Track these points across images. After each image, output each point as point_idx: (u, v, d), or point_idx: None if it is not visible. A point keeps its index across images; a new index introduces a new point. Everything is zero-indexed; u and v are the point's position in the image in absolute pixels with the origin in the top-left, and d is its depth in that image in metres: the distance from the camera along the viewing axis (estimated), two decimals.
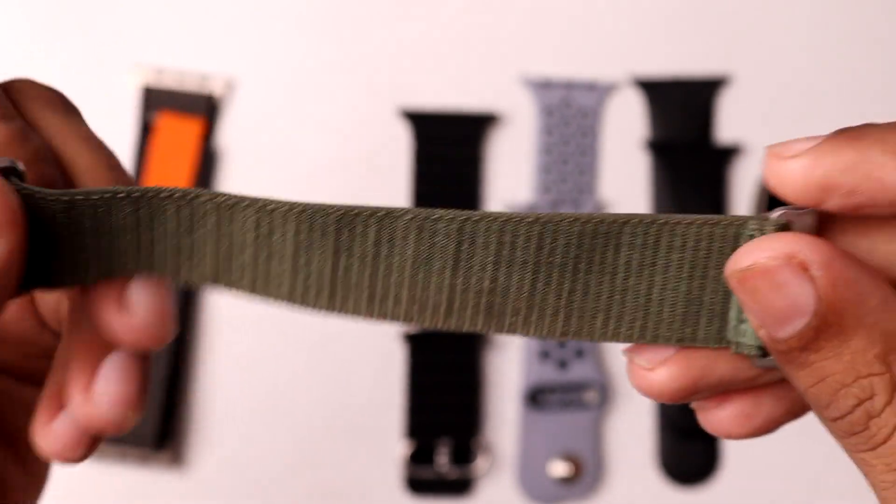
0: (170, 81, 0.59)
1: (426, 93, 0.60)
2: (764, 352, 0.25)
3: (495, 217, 0.25)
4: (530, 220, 0.25)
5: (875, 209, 0.24)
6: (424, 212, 0.25)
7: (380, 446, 0.58)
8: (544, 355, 0.59)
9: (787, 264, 0.23)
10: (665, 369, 0.26)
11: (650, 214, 0.25)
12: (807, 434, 0.43)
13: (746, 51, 0.61)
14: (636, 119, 0.61)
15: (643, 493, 0.59)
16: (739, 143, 0.61)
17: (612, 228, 0.25)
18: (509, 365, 0.59)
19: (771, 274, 0.23)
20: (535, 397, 0.58)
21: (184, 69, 0.59)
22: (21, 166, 0.25)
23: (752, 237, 0.25)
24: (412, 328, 0.58)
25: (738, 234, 0.25)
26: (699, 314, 0.25)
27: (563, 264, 0.25)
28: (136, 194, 0.25)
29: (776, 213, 0.25)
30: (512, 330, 0.25)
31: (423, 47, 0.61)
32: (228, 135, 0.59)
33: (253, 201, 0.25)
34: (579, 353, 0.59)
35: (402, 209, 0.25)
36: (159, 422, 0.56)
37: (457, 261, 0.25)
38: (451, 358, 0.58)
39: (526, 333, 0.26)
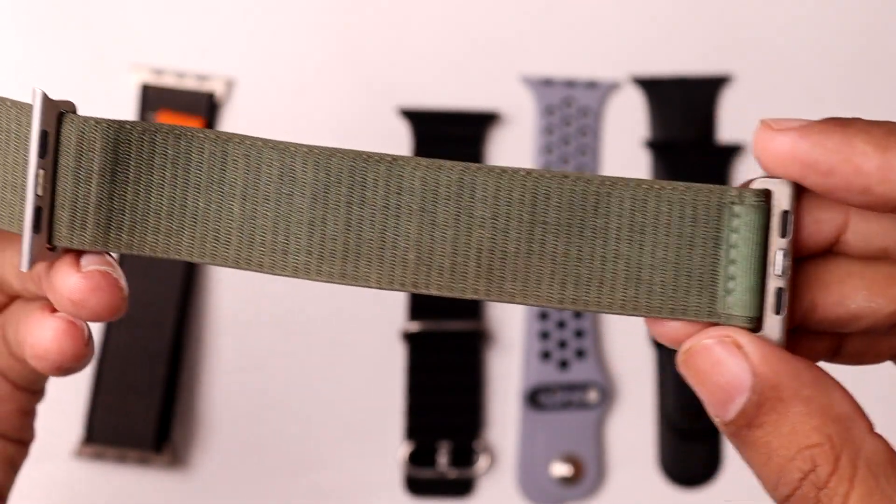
0: (169, 81, 0.59)
1: (426, 92, 0.60)
2: (755, 324, 0.26)
3: (492, 168, 0.26)
4: (523, 173, 0.26)
5: (846, 195, 0.25)
6: (428, 160, 0.27)
7: (380, 447, 0.58)
8: (545, 355, 0.58)
9: (720, 342, 0.25)
10: None
11: (637, 178, 0.26)
12: None
13: (748, 49, 0.61)
14: (637, 118, 0.61)
15: (644, 494, 0.59)
16: (741, 142, 0.60)
17: (602, 190, 0.26)
18: (510, 365, 0.59)
19: (707, 351, 0.25)
20: (536, 398, 0.58)
21: (183, 68, 0.59)
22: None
23: (733, 205, 0.26)
24: (414, 326, 0.58)
25: (720, 201, 0.26)
26: (689, 284, 0.26)
27: (556, 225, 0.26)
28: (176, 130, 0.27)
29: (757, 181, 0.26)
30: (511, 297, 0.26)
31: (423, 46, 0.61)
32: None
33: (277, 143, 0.27)
34: (580, 354, 0.59)
35: (408, 157, 0.27)
36: (158, 423, 0.56)
37: (458, 213, 0.26)
38: (451, 358, 0.58)
39: (524, 301, 0.26)
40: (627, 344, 0.59)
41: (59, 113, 0.27)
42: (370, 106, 0.60)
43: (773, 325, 0.26)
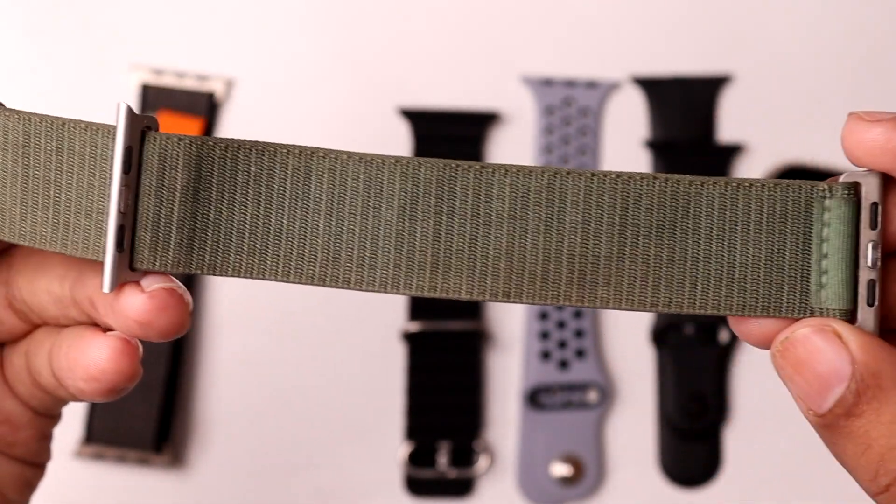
0: (169, 81, 0.59)
1: (426, 91, 0.60)
2: (849, 317, 0.26)
3: (582, 172, 0.26)
4: (613, 176, 0.26)
5: None
6: (516, 166, 0.26)
7: (380, 447, 0.58)
8: (545, 355, 0.58)
9: (820, 331, 0.25)
10: None
11: (725, 177, 0.26)
12: (809, 437, 0.42)
13: (748, 49, 0.61)
14: (637, 118, 0.61)
15: (644, 494, 0.59)
16: (741, 142, 0.60)
17: (691, 190, 0.26)
18: (510, 365, 0.59)
19: (806, 341, 0.25)
20: (536, 398, 0.58)
21: (183, 68, 0.59)
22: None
23: (822, 199, 0.26)
24: (414, 326, 0.58)
25: (809, 196, 0.26)
26: (781, 281, 0.26)
27: (647, 227, 0.26)
28: (259, 146, 0.26)
29: (843, 175, 0.26)
30: (605, 302, 0.26)
31: (423, 46, 0.61)
32: (228, 134, 0.59)
33: (362, 155, 0.26)
34: (580, 354, 0.59)
35: (496, 164, 0.26)
36: (158, 423, 0.56)
37: (549, 219, 0.26)
38: (451, 358, 0.58)
39: (618, 306, 0.26)
40: (627, 344, 0.59)
41: (142, 129, 0.26)
42: (370, 106, 0.60)
43: (867, 316, 0.26)
